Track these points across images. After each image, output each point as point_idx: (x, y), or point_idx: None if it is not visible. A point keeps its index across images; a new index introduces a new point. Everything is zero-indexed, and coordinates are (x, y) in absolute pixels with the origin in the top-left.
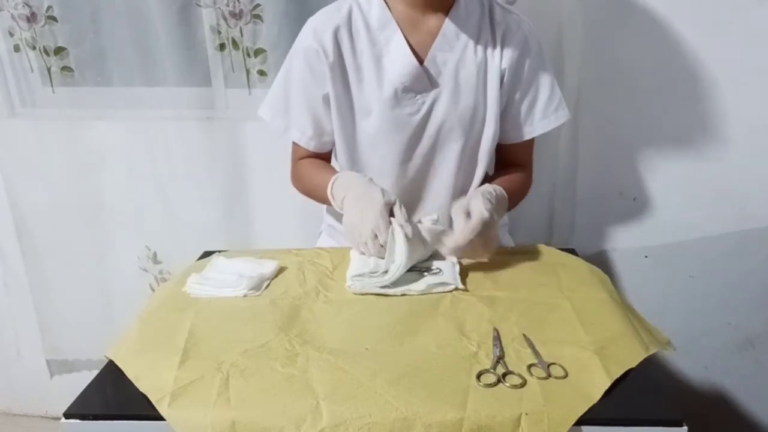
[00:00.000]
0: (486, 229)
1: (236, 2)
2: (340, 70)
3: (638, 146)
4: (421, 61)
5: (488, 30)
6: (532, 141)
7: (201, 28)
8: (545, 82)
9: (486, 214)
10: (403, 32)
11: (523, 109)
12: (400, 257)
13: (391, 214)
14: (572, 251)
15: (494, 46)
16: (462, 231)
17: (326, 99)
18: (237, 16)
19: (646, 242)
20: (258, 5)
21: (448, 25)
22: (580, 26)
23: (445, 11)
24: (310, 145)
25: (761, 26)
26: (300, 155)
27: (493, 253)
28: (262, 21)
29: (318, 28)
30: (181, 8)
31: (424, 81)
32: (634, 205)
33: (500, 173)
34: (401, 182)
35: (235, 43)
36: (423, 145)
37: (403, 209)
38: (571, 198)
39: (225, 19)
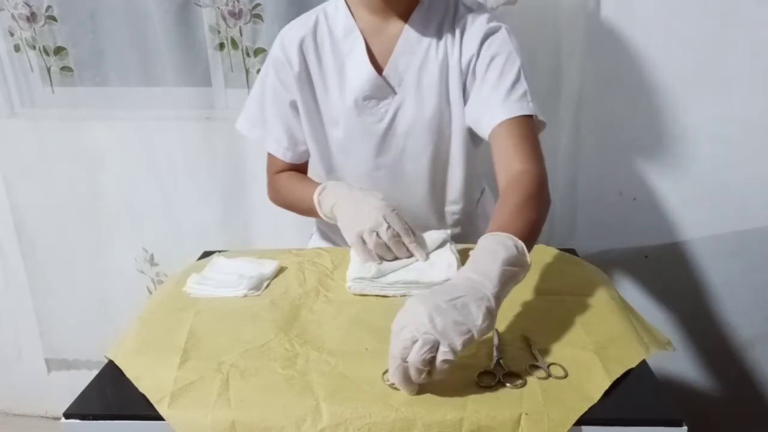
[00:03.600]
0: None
1: (236, 2)
2: (306, 80)
3: (638, 146)
4: (383, 69)
5: (450, 31)
6: (516, 131)
7: (200, 27)
8: (509, 70)
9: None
10: (366, 40)
11: (485, 95)
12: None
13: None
14: (572, 251)
15: (454, 45)
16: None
17: (294, 105)
18: (236, 15)
19: (646, 242)
20: (258, 5)
21: (407, 30)
22: (581, 27)
23: (406, 16)
24: (287, 156)
25: (761, 26)
26: (277, 168)
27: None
28: (261, 21)
29: (284, 39)
30: (180, 8)
31: (384, 89)
32: (634, 205)
33: (504, 197)
34: (376, 189)
35: (234, 43)
36: (390, 152)
37: (401, 218)
38: (572, 199)
39: (224, 19)
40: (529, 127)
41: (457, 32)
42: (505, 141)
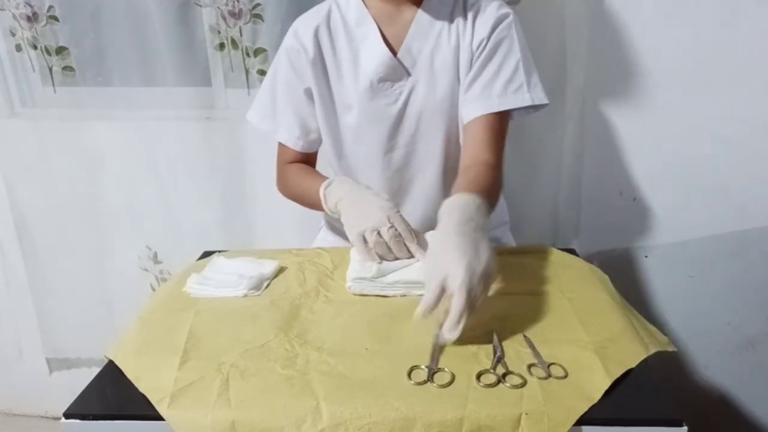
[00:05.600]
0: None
1: (236, 2)
2: (321, 66)
3: (639, 146)
4: (396, 52)
5: (461, 16)
6: (497, 128)
7: (200, 27)
8: (510, 61)
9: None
10: (380, 27)
11: (483, 83)
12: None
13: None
14: (572, 251)
15: (465, 29)
16: (456, 326)
17: (309, 93)
18: (236, 15)
19: (646, 242)
20: (258, 5)
21: (420, 15)
22: (585, 27)
23: (418, 3)
24: (298, 145)
25: (761, 26)
26: (287, 159)
27: (491, 284)
28: (261, 20)
29: (299, 28)
30: (180, 7)
31: (398, 70)
32: (634, 205)
33: (467, 177)
34: (386, 173)
35: (234, 43)
36: (404, 135)
37: (404, 219)
38: (577, 199)
39: (224, 19)
40: (504, 124)
41: (470, 17)
42: (482, 132)
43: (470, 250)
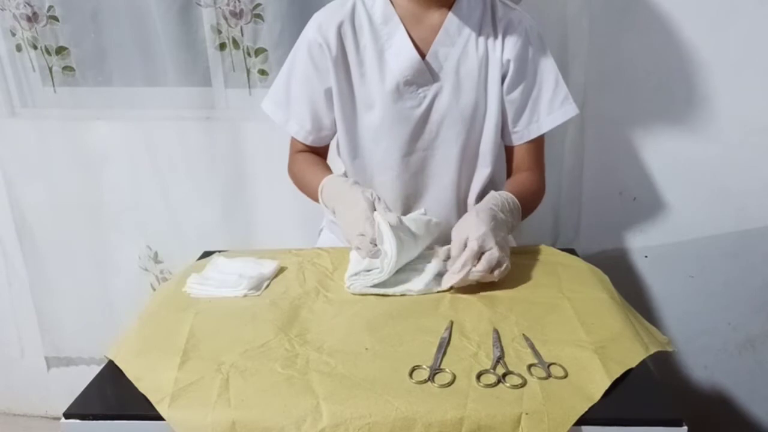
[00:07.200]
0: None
1: (237, 2)
2: (343, 64)
3: (638, 146)
4: (423, 56)
5: (490, 25)
6: (540, 141)
7: (201, 27)
8: (549, 77)
9: (494, 253)
10: (405, 27)
11: (528, 106)
12: (390, 248)
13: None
14: (572, 251)
15: (495, 41)
16: (458, 271)
17: (328, 93)
18: (237, 15)
19: (646, 242)
20: (259, 5)
21: (450, 20)
22: (586, 27)
23: (447, 7)
24: (308, 140)
25: (761, 26)
26: (297, 148)
27: (504, 274)
28: (262, 20)
29: (322, 22)
30: (181, 8)
31: (425, 75)
32: (634, 205)
33: (510, 179)
34: (403, 176)
35: (235, 43)
36: (424, 139)
37: (384, 202)
38: (577, 199)
39: (225, 19)
40: (543, 140)
41: (500, 30)
42: (530, 150)
43: (491, 224)
